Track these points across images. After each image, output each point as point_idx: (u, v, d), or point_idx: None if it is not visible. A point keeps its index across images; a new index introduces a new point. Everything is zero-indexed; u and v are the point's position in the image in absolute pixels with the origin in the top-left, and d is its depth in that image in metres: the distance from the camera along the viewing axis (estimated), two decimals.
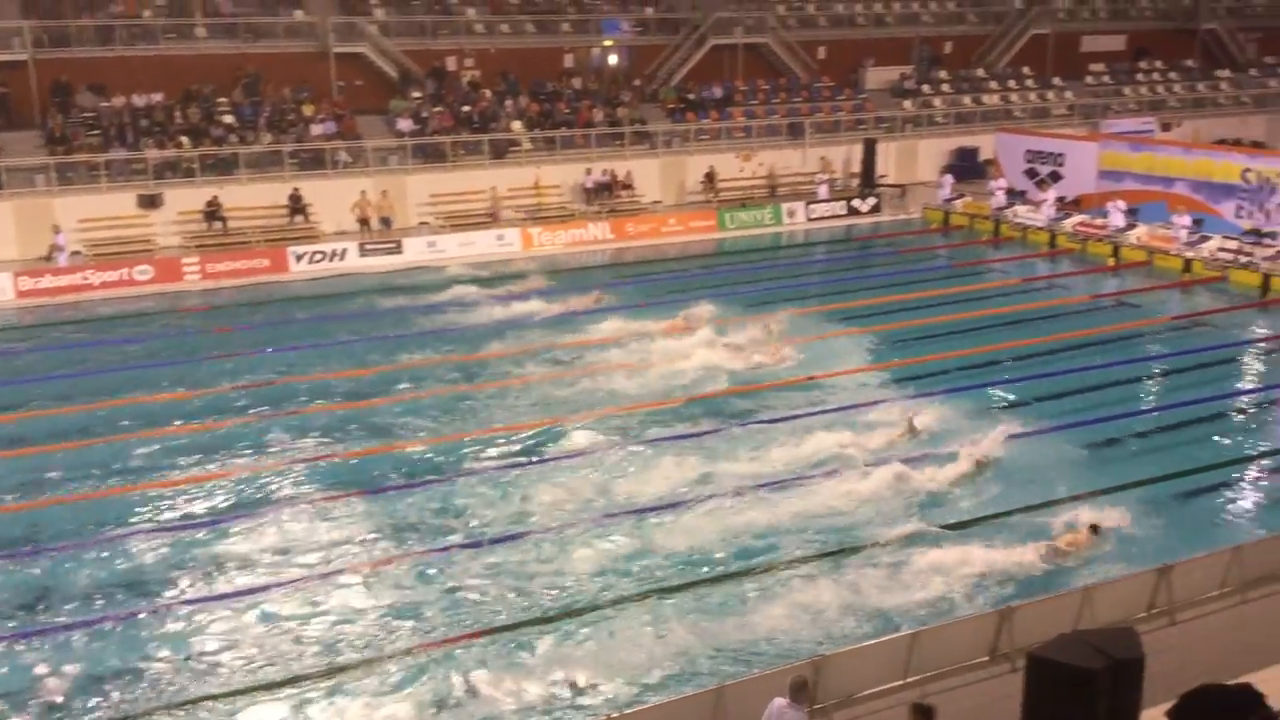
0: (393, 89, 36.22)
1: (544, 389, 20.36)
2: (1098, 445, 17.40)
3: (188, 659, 12.28)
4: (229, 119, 33.44)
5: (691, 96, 39.57)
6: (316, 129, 33.77)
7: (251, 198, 32.10)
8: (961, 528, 14.67)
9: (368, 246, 31.05)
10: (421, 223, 33.66)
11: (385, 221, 32.43)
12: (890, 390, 19.87)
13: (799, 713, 9.39)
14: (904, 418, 17.79)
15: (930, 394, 19.16)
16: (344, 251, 30.65)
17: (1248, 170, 30.15)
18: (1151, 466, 16.38)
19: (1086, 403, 19.10)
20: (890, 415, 18.19)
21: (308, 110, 34.33)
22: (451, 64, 37.68)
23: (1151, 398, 20.34)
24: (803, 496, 15.54)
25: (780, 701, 9.46)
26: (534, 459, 17.25)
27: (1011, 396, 19.49)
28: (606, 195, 35.67)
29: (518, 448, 17.71)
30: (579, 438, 17.94)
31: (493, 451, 17.60)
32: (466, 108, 36.13)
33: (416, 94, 36.08)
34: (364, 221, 32.06)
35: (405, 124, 34.79)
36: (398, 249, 31.19)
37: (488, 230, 32.87)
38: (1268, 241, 27.76)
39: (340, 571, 13.95)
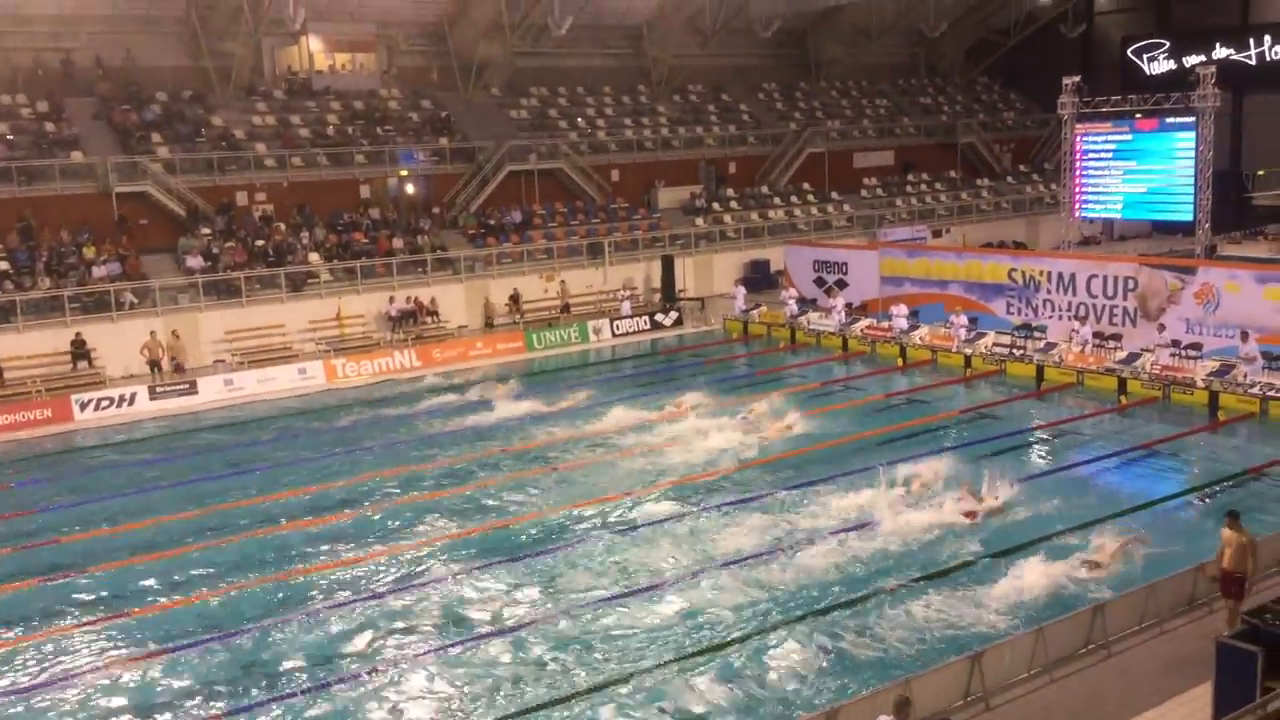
0: (181, 226, 35.20)
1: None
2: None
3: None
4: (3, 265, 31.70)
5: (491, 222, 40.04)
6: (99, 271, 32.39)
7: (30, 346, 30.39)
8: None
9: (159, 389, 29.71)
10: (217, 361, 32.52)
11: (177, 363, 31.20)
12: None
13: None
14: (913, 477, 19.89)
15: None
16: (133, 396, 29.23)
17: (1013, 270, 32.48)
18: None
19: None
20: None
21: (89, 252, 32.92)
22: (242, 199, 37.00)
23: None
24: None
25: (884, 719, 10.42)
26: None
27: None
28: (411, 323, 35.40)
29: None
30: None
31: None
32: (260, 242, 35.43)
33: (206, 230, 35.17)
34: (154, 364, 30.72)
35: (195, 261, 33.79)
36: (192, 390, 29.99)
37: (288, 364, 32.02)
38: (1037, 335, 29.93)
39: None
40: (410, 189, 40.64)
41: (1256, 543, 13.65)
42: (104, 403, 28.87)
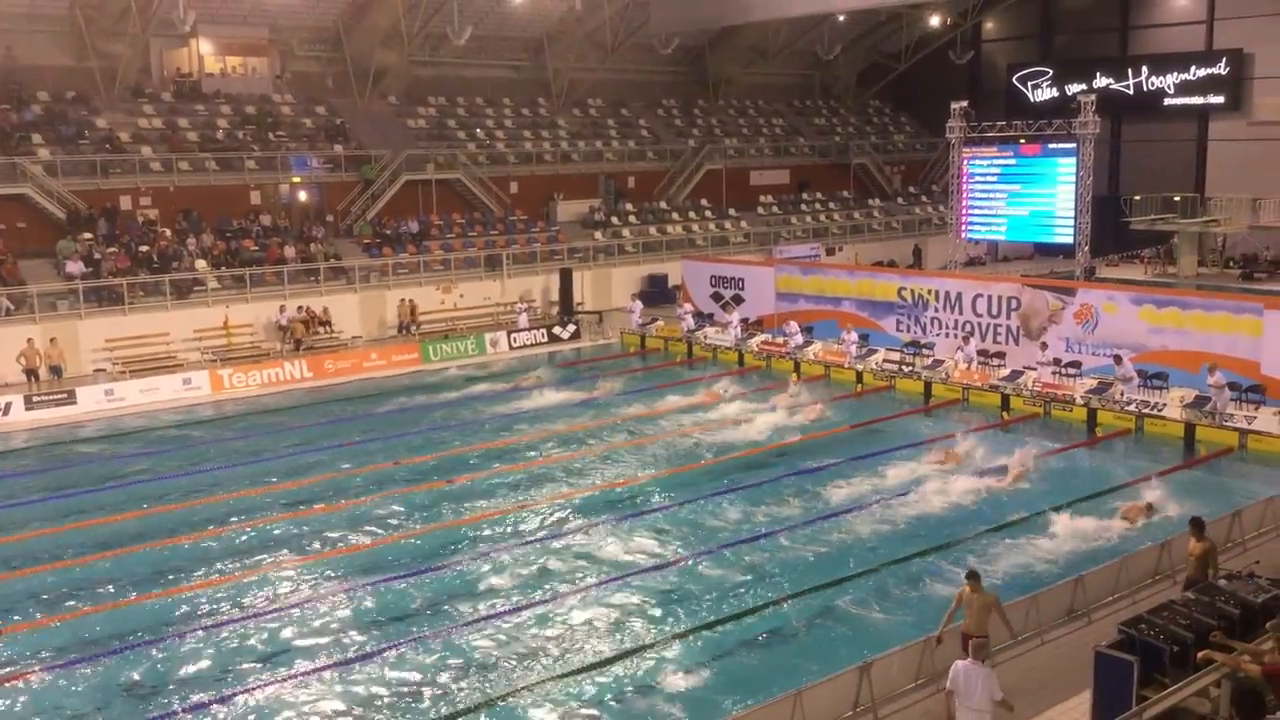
0: (60, 230, 33.95)
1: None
2: None
3: None
4: None
5: (388, 231, 39.51)
6: None
7: None
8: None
9: (36, 399, 28.59)
10: (97, 370, 31.43)
11: (55, 371, 30.05)
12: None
13: (981, 668, 11.25)
14: (947, 449, 22.90)
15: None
16: (8, 406, 28.05)
17: (903, 288, 33.25)
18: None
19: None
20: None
21: None
22: (126, 203, 35.85)
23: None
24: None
25: (961, 662, 11.39)
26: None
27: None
28: (303, 332, 34.68)
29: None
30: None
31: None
32: (144, 247, 34.38)
33: (87, 235, 33.98)
34: (31, 372, 29.54)
35: (75, 266, 32.62)
36: (70, 399, 28.92)
37: (172, 374, 31.09)
38: (925, 352, 30.68)
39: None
40: (303, 196, 39.88)
41: (1000, 603, 13.16)
42: None
